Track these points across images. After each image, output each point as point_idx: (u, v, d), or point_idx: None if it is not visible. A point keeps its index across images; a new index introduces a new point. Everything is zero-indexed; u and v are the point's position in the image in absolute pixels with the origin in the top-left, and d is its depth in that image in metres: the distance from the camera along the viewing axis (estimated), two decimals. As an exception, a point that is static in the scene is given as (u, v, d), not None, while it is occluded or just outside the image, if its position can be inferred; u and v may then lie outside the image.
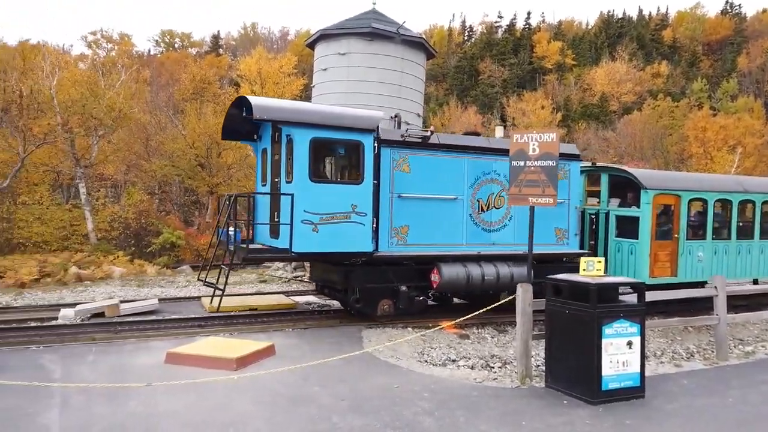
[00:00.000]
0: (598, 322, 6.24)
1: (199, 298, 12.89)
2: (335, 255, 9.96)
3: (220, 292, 10.21)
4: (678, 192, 12.09)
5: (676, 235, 12.06)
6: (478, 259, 10.78)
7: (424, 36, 24.19)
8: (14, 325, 9.87)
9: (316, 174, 9.71)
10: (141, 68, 32.46)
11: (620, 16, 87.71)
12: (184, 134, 25.60)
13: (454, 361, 8.43)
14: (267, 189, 10.86)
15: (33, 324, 9.98)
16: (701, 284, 12.26)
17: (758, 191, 13.34)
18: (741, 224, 13.37)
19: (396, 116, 18.95)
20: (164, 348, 7.90)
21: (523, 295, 7.03)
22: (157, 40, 70.66)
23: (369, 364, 7.68)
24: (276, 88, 34.28)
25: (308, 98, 23.89)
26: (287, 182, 9.74)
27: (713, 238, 12.58)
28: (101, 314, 10.64)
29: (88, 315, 10.56)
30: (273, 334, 9.17)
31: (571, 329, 6.52)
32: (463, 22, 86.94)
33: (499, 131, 13.38)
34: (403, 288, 10.32)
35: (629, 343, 6.43)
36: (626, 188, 12.30)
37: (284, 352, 8.11)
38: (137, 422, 5.45)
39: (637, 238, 11.83)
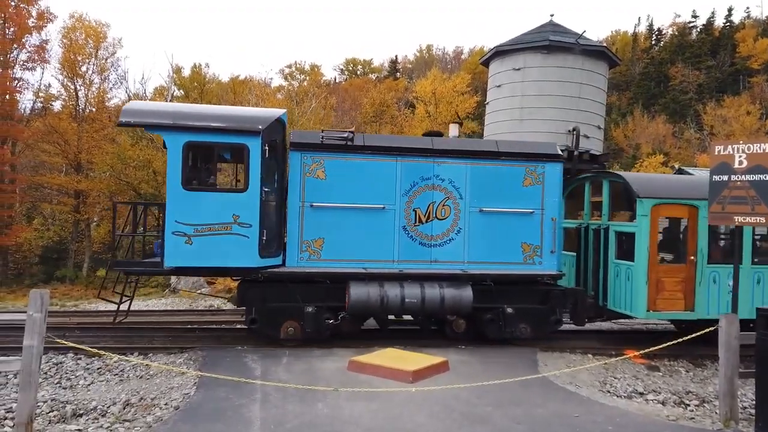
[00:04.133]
0: (826, 364, 5.29)
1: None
2: (213, 270, 9.18)
3: (126, 304, 9.46)
4: (694, 202, 9.59)
5: (692, 258, 9.63)
6: (403, 278, 9.39)
7: (605, 44, 22.87)
8: (224, 326, 11.34)
9: (191, 181, 8.80)
10: (328, 96, 35.42)
11: None
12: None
13: (641, 394, 7.77)
14: None
15: (238, 326, 11.35)
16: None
17: None
18: None
19: (574, 129, 18.15)
20: (346, 355, 8.43)
21: (728, 326, 6.24)
22: (341, 69, 76.26)
23: (545, 389, 7.39)
24: (449, 107, 34.95)
25: (482, 115, 23.94)
26: None
27: (755, 263, 9.78)
28: (292, 320, 11.69)
29: (282, 320, 11.69)
30: (446, 350, 9.26)
31: (791, 370, 5.61)
32: (650, 25, 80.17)
33: (453, 129, 11.34)
34: (310, 309, 9.16)
35: None
36: (630, 198, 9.99)
37: (457, 368, 8.16)
38: (324, 423, 5.88)
39: (634, 260, 9.63)
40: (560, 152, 10.31)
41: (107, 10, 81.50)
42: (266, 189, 8.96)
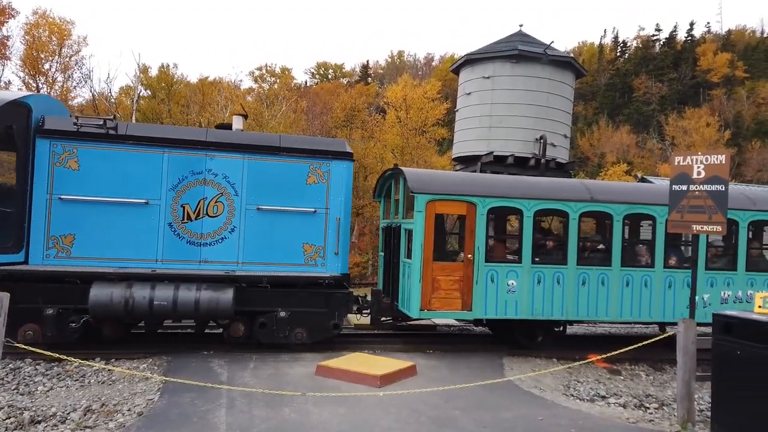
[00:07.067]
0: (777, 368, 5.50)
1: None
2: None
3: None
4: (472, 198, 9.35)
5: (469, 256, 9.30)
6: (159, 279, 8.71)
7: (572, 54, 23.38)
8: (189, 330, 11.15)
9: None
10: (299, 99, 35.27)
11: (806, 19, 77.16)
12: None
13: (603, 397, 7.95)
14: None
15: (206, 331, 11.17)
16: (523, 323, 9.72)
17: (615, 201, 9.78)
18: (590, 245, 10.35)
19: (541, 138, 18.53)
20: (314, 360, 8.40)
21: (685, 331, 6.44)
22: (313, 72, 76.09)
23: (511, 392, 7.50)
24: (420, 113, 35.17)
25: (452, 122, 24.18)
26: None
27: (535, 262, 9.55)
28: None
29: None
30: (414, 355, 9.32)
31: (745, 373, 5.83)
32: (616, 37, 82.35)
33: (237, 122, 10.47)
34: (50, 311, 8.45)
35: (818, 395, 5.56)
36: None
37: (425, 372, 8.22)
38: (291, 428, 5.85)
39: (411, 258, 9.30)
40: (348, 150, 9.77)
41: (74, 7, 79.73)
42: None
